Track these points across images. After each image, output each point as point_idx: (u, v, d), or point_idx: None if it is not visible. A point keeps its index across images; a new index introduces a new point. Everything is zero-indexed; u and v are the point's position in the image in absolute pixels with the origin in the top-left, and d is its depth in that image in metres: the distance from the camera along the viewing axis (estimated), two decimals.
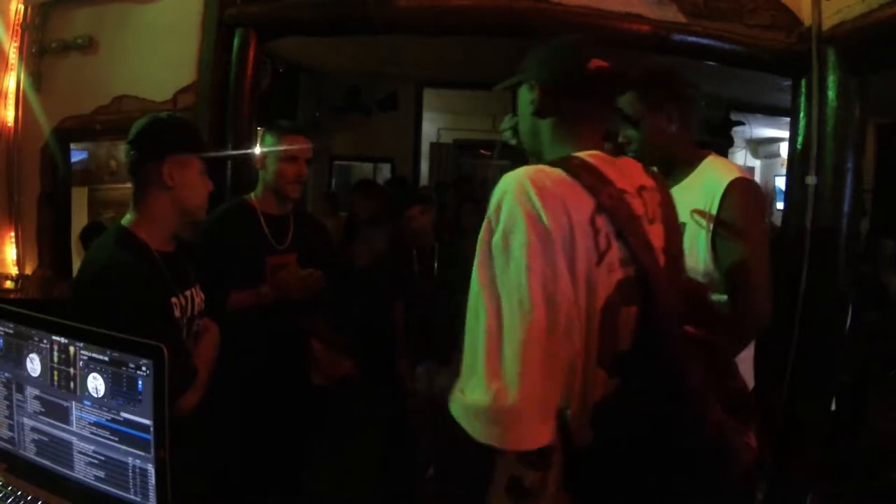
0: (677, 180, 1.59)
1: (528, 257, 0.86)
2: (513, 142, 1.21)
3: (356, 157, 6.61)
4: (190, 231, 1.67)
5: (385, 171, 6.30)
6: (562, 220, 0.88)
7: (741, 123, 5.91)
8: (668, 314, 0.93)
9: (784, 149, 6.66)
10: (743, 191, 1.46)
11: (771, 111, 5.48)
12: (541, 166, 0.96)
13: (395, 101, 5.59)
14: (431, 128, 6.97)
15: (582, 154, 1.00)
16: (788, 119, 2.56)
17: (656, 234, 1.02)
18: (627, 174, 1.02)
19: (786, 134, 2.74)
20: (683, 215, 1.52)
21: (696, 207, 1.50)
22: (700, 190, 1.51)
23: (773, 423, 2.42)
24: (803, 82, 2.43)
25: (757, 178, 7.72)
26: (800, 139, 2.45)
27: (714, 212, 1.46)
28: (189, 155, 1.38)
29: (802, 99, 2.43)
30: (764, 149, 7.76)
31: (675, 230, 1.08)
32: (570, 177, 0.93)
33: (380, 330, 2.63)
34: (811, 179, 2.37)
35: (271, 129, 1.96)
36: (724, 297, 1.50)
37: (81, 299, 1.24)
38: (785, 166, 4.32)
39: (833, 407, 2.55)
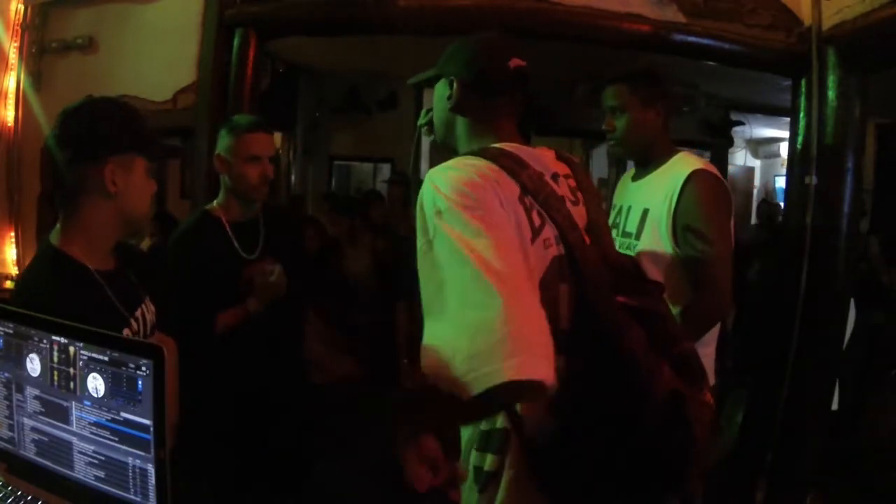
0: (648, 172, 1.69)
1: (486, 229, 0.85)
2: (430, 137, 1.21)
3: (356, 157, 6.60)
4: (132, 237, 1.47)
5: (385, 171, 6.29)
6: (494, 200, 0.89)
7: (741, 123, 5.90)
8: (599, 288, 0.95)
9: (784, 149, 6.65)
10: (701, 181, 1.53)
11: (771, 111, 5.46)
12: (460, 158, 0.97)
13: (395, 101, 5.58)
14: None
15: (497, 144, 1.02)
16: (788, 119, 2.57)
17: (579, 215, 1.04)
18: (541, 161, 1.04)
19: (786, 134, 2.74)
20: (648, 204, 1.62)
21: (660, 197, 1.57)
22: (665, 181, 1.59)
23: (774, 423, 2.42)
24: (803, 82, 2.43)
25: (757, 178, 7.72)
26: (800, 139, 2.46)
27: (674, 201, 1.53)
28: (136, 153, 1.12)
29: (802, 99, 2.43)
30: (764, 149, 7.75)
31: (597, 210, 1.10)
32: (491, 162, 0.95)
33: (381, 330, 2.63)
34: (811, 179, 2.37)
35: (228, 128, 1.76)
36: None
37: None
38: (785, 166, 4.32)
39: (833, 407, 2.55)
